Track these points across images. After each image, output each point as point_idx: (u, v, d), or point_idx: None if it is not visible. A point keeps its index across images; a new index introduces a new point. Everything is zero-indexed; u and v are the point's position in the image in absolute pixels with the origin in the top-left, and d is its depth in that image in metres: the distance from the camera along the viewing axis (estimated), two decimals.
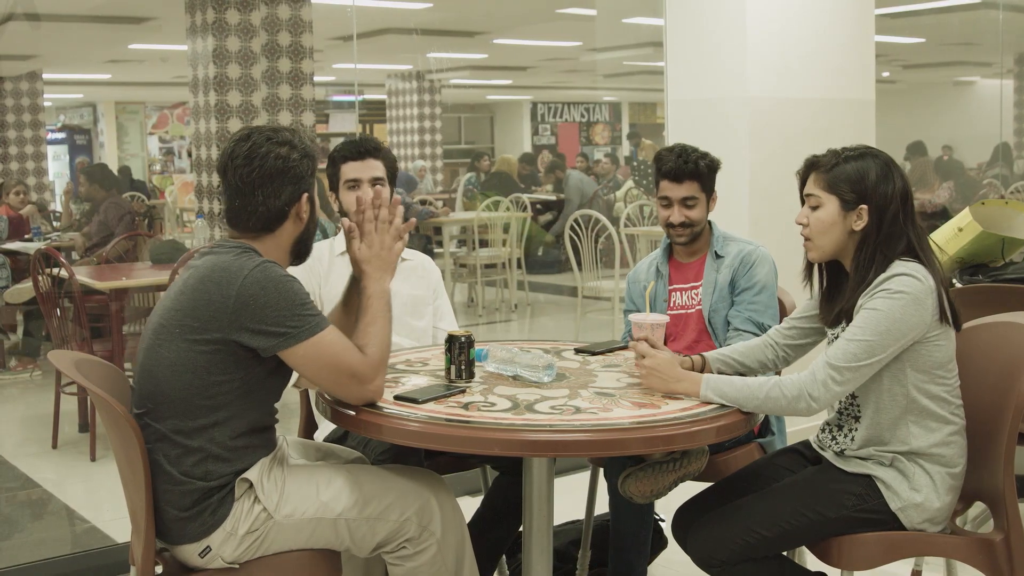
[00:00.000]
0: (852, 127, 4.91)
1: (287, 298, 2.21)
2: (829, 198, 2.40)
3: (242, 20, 6.28)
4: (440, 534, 2.38)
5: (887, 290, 2.29)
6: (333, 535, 2.34)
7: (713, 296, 3.07)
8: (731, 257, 3.09)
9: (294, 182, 2.34)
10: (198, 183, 6.60)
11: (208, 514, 2.25)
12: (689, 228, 3.08)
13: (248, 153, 2.31)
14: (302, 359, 2.23)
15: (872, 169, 2.38)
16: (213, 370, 2.22)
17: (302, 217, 2.37)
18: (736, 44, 4.58)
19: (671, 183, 3.05)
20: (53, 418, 5.18)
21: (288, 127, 2.43)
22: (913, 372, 2.34)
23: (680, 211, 3.06)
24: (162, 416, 2.25)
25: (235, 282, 2.20)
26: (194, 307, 2.23)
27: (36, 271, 5.16)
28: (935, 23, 11.21)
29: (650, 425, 2.16)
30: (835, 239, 2.41)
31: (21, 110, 11.66)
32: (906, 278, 2.30)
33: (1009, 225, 3.66)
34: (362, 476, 2.42)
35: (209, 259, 2.29)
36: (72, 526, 4.21)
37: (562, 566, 3.26)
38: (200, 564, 2.29)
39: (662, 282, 3.18)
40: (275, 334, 2.20)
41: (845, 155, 2.42)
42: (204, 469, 2.25)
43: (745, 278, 3.05)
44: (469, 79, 17.22)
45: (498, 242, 9.03)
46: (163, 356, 2.25)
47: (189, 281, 2.27)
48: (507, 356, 2.55)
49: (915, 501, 2.34)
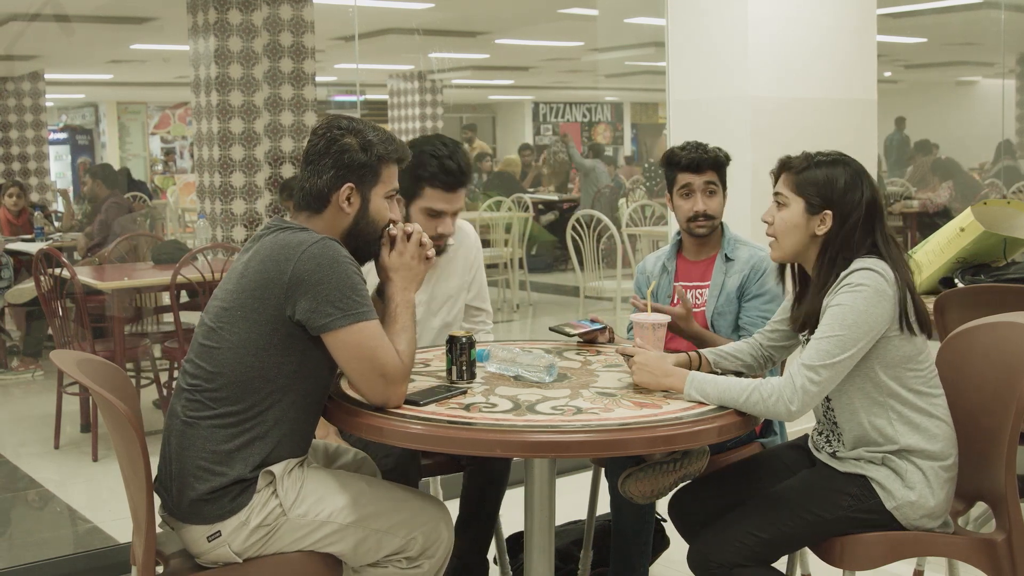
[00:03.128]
0: (854, 127, 4.91)
1: (341, 278, 2.22)
2: (796, 199, 2.43)
3: (244, 20, 6.28)
4: (436, 560, 2.40)
5: (848, 284, 2.32)
6: (339, 542, 2.34)
7: (719, 299, 3.07)
8: (741, 262, 3.09)
9: (339, 167, 2.35)
10: (200, 183, 6.60)
11: (228, 500, 2.26)
12: (711, 220, 3.08)
13: (316, 128, 2.41)
14: (342, 344, 2.23)
15: (841, 176, 2.41)
16: (272, 350, 2.23)
17: (343, 208, 2.36)
18: (738, 44, 4.58)
19: (691, 174, 3.07)
20: (55, 418, 5.18)
21: (379, 127, 2.43)
22: (883, 368, 2.35)
23: (703, 199, 3.06)
24: (217, 395, 2.26)
25: (293, 257, 2.23)
26: (255, 287, 2.25)
27: (38, 271, 5.17)
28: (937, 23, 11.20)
29: (651, 425, 2.16)
30: (797, 241, 2.44)
31: (23, 110, 11.66)
32: (865, 272, 2.32)
33: (1011, 225, 3.66)
34: (378, 490, 2.43)
35: (269, 239, 2.31)
36: (74, 526, 4.22)
37: (564, 566, 3.26)
38: (205, 549, 2.28)
39: (667, 278, 3.18)
40: (323, 312, 2.20)
41: (817, 159, 2.44)
42: (243, 459, 2.25)
43: (756, 285, 3.05)
44: (471, 79, 17.22)
45: (500, 242, 9.04)
46: (225, 339, 2.27)
47: (251, 263, 2.29)
48: (508, 356, 2.55)
49: (910, 499, 2.35)
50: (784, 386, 2.29)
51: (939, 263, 3.65)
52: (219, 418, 2.27)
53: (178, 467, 2.28)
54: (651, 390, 2.41)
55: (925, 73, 15.62)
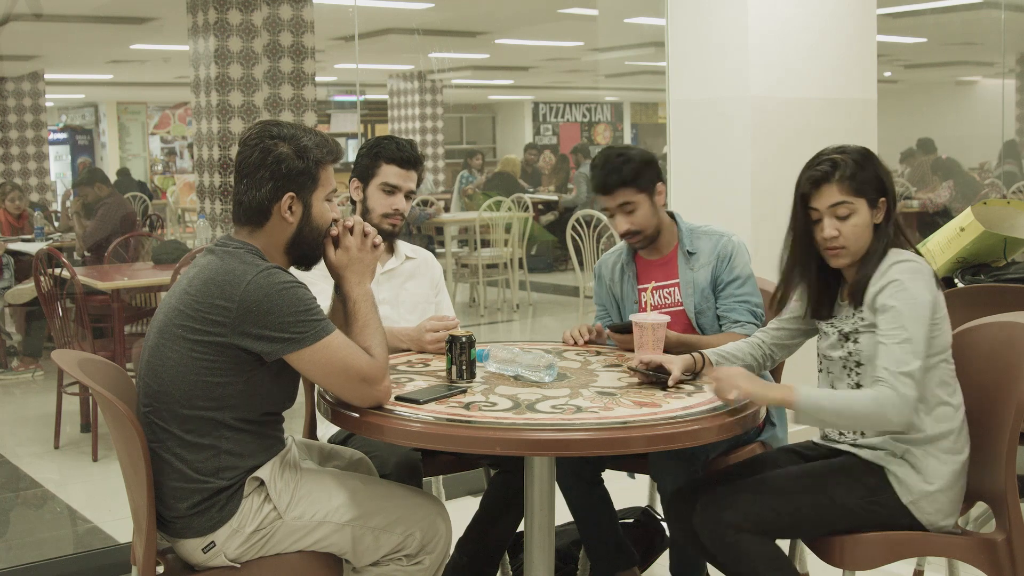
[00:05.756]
0: (854, 127, 4.90)
1: (291, 304, 2.19)
2: (859, 202, 2.43)
3: (244, 20, 6.28)
4: (436, 555, 2.40)
5: (898, 282, 2.34)
6: (338, 542, 2.34)
7: (695, 297, 3.01)
8: (705, 255, 3.02)
9: (276, 178, 2.29)
10: (200, 183, 6.60)
11: (216, 510, 2.25)
12: (639, 234, 2.98)
13: (245, 139, 2.33)
14: (309, 363, 2.22)
15: (875, 163, 2.46)
16: (216, 372, 2.21)
17: (286, 218, 2.32)
18: (738, 44, 4.58)
19: (603, 196, 2.96)
20: (55, 418, 5.18)
21: (308, 127, 2.39)
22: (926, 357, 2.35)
23: (623, 219, 2.95)
24: (169, 414, 2.25)
25: (239, 287, 2.18)
26: (196, 309, 2.21)
27: (38, 271, 5.17)
28: (937, 23, 11.20)
29: (652, 424, 2.16)
30: (869, 239, 2.45)
31: (23, 110, 11.66)
32: (904, 264, 2.38)
33: (1011, 225, 3.66)
34: (374, 488, 2.43)
35: (214, 260, 2.27)
36: (74, 526, 4.22)
37: (564, 566, 3.26)
38: (202, 560, 2.28)
39: (629, 281, 3.10)
40: (279, 339, 2.18)
41: (852, 157, 2.45)
42: (215, 466, 2.25)
43: (727, 272, 2.99)
44: (471, 79, 17.22)
45: (500, 242, 9.04)
46: (167, 356, 2.24)
47: (194, 282, 2.25)
48: (508, 356, 2.56)
49: (927, 491, 2.35)
50: (897, 399, 2.25)
51: (939, 263, 3.65)
52: (176, 438, 2.25)
53: (157, 490, 2.26)
54: (747, 400, 2.32)
55: (925, 73, 15.61)
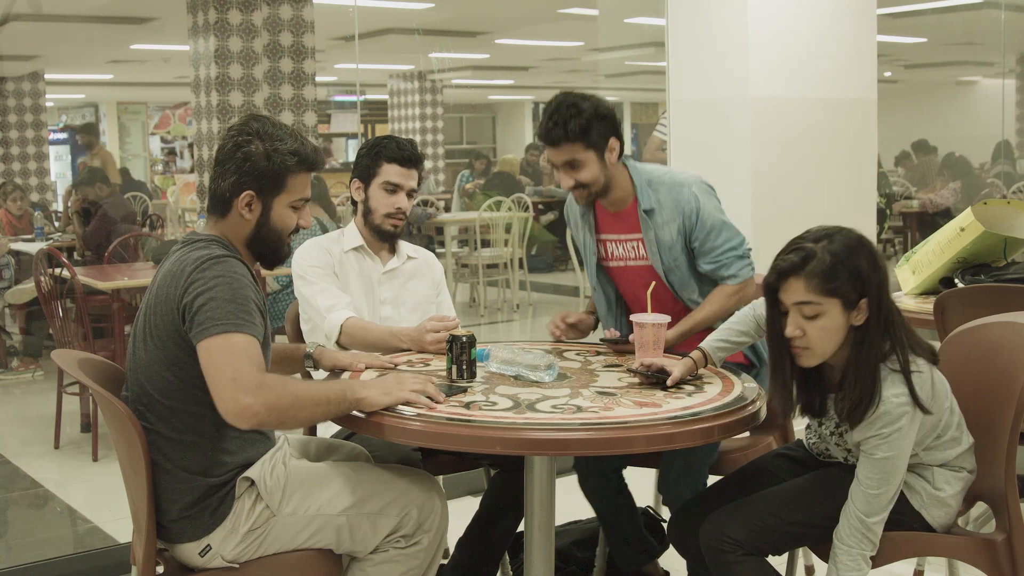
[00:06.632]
0: (854, 127, 4.91)
1: (226, 291, 2.17)
2: (830, 302, 2.18)
3: (244, 20, 6.28)
4: (434, 532, 2.40)
5: (883, 434, 2.19)
6: (335, 534, 2.34)
7: (663, 255, 2.88)
8: (668, 211, 2.86)
9: (240, 173, 2.30)
10: (200, 183, 6.60)
11: (208, 514, 2.26)
12: (585, 189, 2.82)
13: (228, 127, 2.37)
14: (206, 352, 2.12)
15: (861, 256, 2.19)
16: (183, 366, 2.21)
17: (243, 215, 2.32)
18: (738, 44, 4.58)
19: (550, 148, 2.78)
20: (55, 418, 5.18)
21: (289, 128, 2.38)
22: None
23: (567, 175, 2.80)
24: (153, 415, 2.25)
25: (188, 271, 2.20)
26: (156, 304, 2.24)
27: (38, 271, 5.17)
28: (937, 23, 11.21)
29: (652, 423, 2.16)
30: (839, 342, 2.23)
31: (23, 110, 11.67)
32: (892, 410, 2.18)
33: (1011, 225, 3.66)
34: (364, 474, 2.43)
35: (176, 255, 2.29)
36: (74, 526, 4.22)
37: (564, 567, 3.26)
38: (200, 563, 2.29)
39: (589, 232, 2.99)
40: (199, 323, 2.14)
41: (829, 245, 2.19)
42: (204, 463, 2.25)
43: (699, 228, 2.85)
44: (471, 79, 17.23)
45: (500, 242, 9.04)
46: (141, 357, 2.27)
47: (160, 280, 2.28)
48: (509, 356, 2.55)
49: (939, 496, 2.34)
50: (861, 545, 2.24)
51: (939, 263, 3.65)
52: (164, 437, 2.25)
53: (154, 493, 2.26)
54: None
55: (925, 73, 15.62)
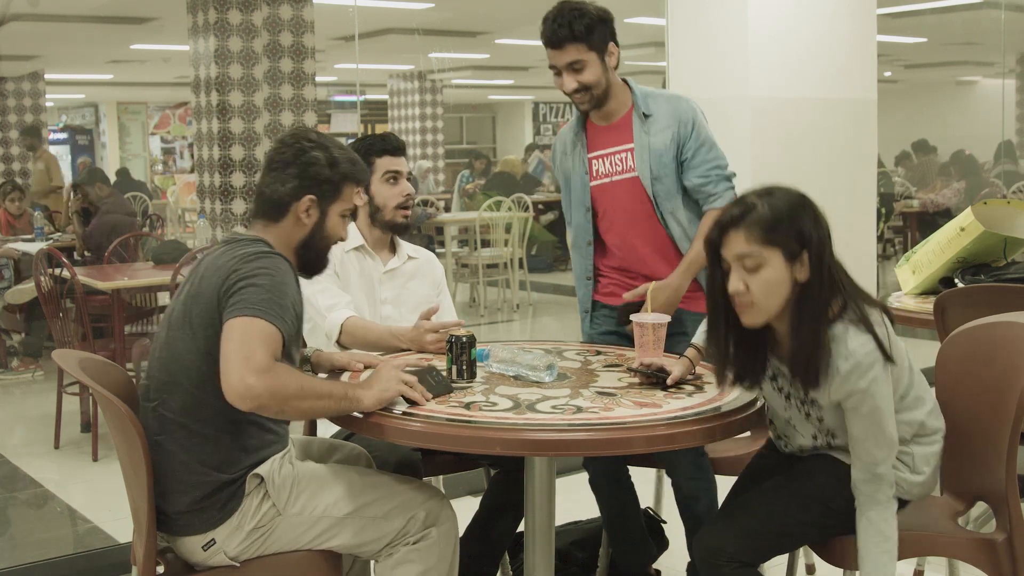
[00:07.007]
0: (854, 127, 4.91)
1: (267, 281, 2.20)
2: (771, 252, 2.13)
3: (244, 20, 6.28)
4: (444, 527, 2.40)
5: (859, 390, 2.15)
6: (338, 535, 2.34)
7: (651, 162, 2.90)
8: (664, 118, 2.91)
9: (303, 177, 2.38)
10: (200, 183, 6.60)
11: (216, 509, 2.26)
12: (588, 91, 2.87)
13: (281, 138, 2.45)
14: (228, 330, 2.14)
15: (802, 210, 2.16)
16: (218, 358, 2.20)
17: (302, 219, 2.39)
18: (738, 44, 4.58)
19: (553, 51, 2.84)
20: (55, 418, 5.19)
21: (347, 148, 2.48)
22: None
23: (570, 77, 2.85)
24: (178, 405, 2.27)
25: (232, 264, 2.24)
26: (199, 293, 2.27)
27: (38, 271, 5.17)
28: (937, 23, 11.21)
29: (652, 424, 2.16)
30: (783, 297, 2.16)
31: (23, 110, 11.66)
32: (862, 360, 2.13)
33: (1011, 225, 3.66)
34: (370, 478, 2.43)
35: (221, 250, 2.34)
36: (74, 526, 4.22)
37: (564, 567, 3.26)
38: (202, 559, 2.29)
39: (580, 152, 3.00)
40: (232, 302, 2.17)
41: (769, 199, 2.16)
42: (220, 459, 2.26)
43: (693, 138, 2.89)
44: (471, 79, 17.23)
45: (500, 242, 9.04)
46: (176, 348, 2.28)
47: (203, 272, 2.31)
48: (509, 356, 2.55)
49: (917, 481, 2.35)
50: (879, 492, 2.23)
51: (939, 263, 3.65)
52: (184, 428, 2.26)
53: (159, 486, 2.26)
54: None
55: (925, 73, 15.62)
